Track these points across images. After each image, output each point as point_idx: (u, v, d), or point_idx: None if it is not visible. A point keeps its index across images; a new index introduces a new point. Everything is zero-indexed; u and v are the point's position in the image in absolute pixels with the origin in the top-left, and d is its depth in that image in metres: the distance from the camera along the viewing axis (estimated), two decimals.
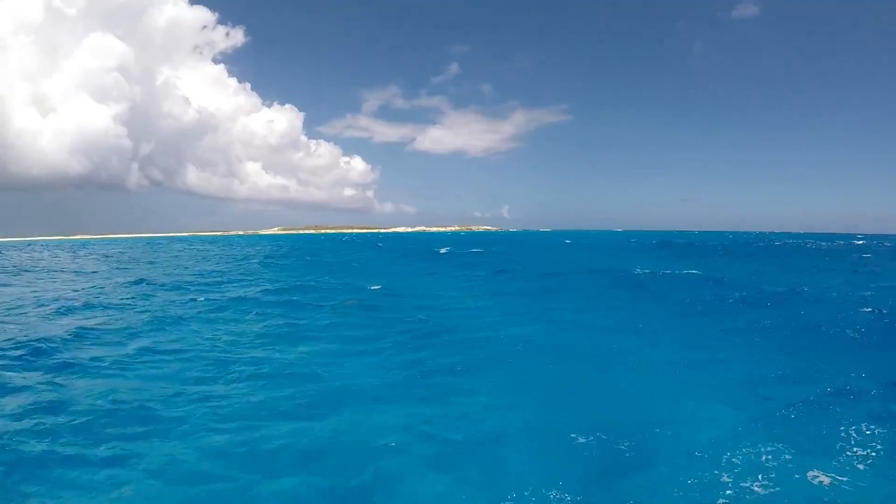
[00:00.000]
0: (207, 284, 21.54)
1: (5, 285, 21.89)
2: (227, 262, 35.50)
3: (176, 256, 43.07)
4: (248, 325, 12.91)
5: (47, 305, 15.31)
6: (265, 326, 12.72)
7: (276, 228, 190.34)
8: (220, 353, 10.19)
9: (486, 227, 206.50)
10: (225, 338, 11.46)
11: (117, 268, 31.48)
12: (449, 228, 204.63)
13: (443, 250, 47.58)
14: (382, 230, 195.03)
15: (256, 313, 14.39)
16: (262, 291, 18.48)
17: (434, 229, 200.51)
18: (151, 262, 35.97)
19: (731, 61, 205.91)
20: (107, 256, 43.17)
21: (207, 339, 11.34)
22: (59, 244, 77.64)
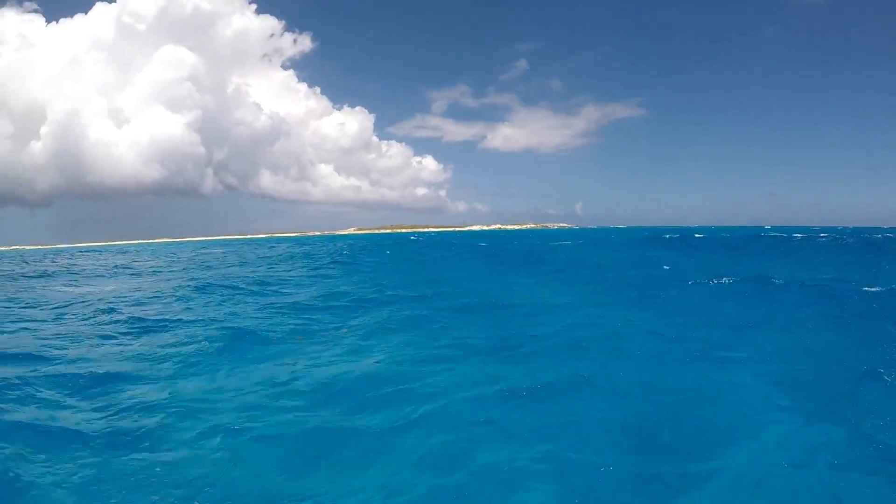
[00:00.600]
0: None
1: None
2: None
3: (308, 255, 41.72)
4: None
5: None
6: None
7: (352, 229, 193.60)
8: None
9: (560, 225, 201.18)
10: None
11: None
12: (525, 226, 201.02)
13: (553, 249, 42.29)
14: (459, 229, 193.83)
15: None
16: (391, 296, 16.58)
17: (511, 227, 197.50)
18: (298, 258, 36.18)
19: (804, 46, 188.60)
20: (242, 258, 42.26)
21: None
22: (152, 247, 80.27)
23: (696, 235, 55.84)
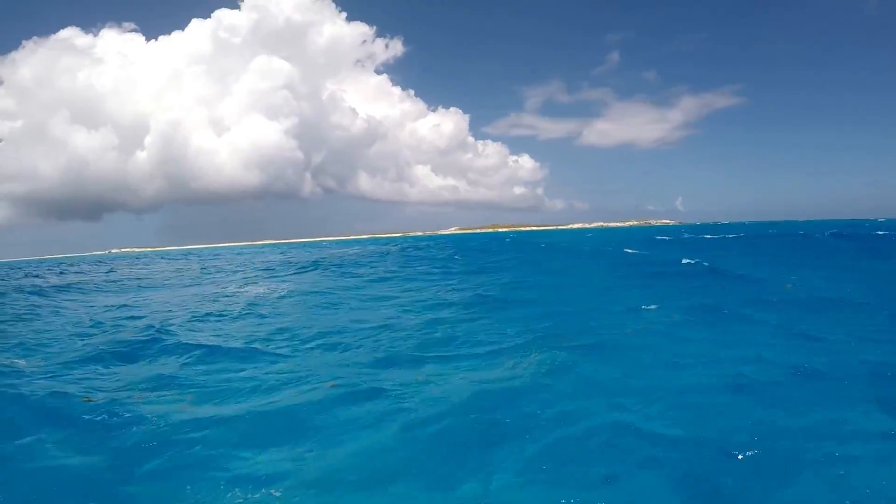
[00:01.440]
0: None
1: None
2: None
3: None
4: None
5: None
6: None
7: (453, 228, 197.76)
8: None
9: (664, 221, 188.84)
10: None
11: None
12: (627, 223, 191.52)
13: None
14: (560, 227, 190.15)
15: None
16: None
17: (612, 225, 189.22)
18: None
19: None
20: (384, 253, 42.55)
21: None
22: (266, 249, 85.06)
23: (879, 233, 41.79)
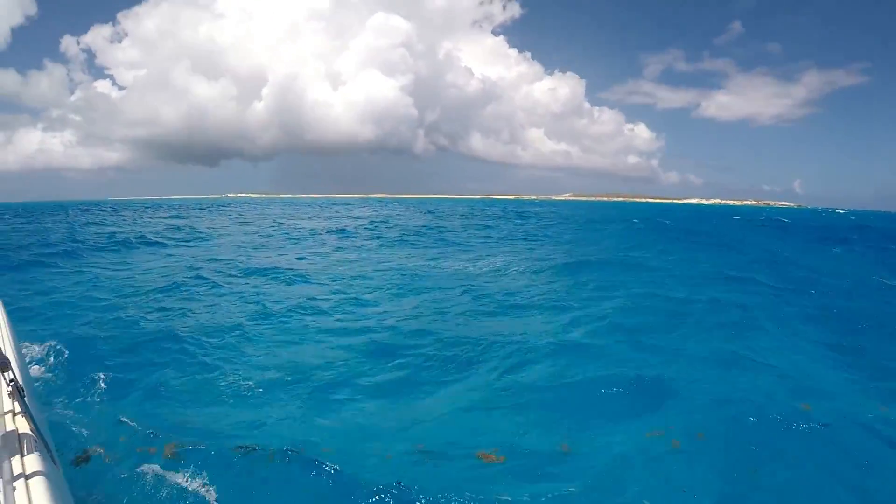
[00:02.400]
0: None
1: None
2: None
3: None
4: None
5: None
6: None
7: (567, 194, 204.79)
8: None
9: (782, 203, 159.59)
10: None
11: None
12: (744, 202, 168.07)
13: None
14: (675, 201, 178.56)
15: None
16: None
17: (730, 202, 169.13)
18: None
19: None
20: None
21: None
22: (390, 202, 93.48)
23: None
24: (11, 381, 2.08)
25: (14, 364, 2.24)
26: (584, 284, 12.69)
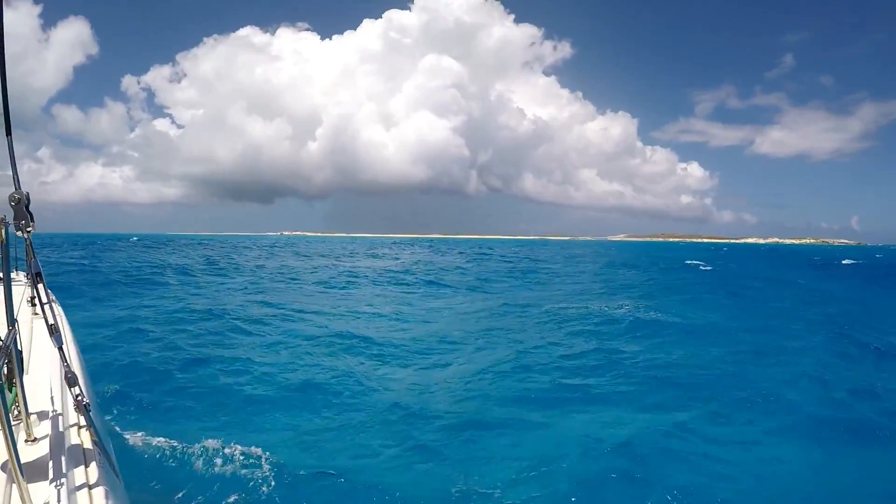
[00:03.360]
0: None
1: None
2: None
3: None
4: None
5: None
6: None
7: (621, 235, 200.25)
8: None
9: (842, 241, 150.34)
10: None
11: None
12: (803, 241, 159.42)
13: None
14: (732, 241, 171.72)
15: None
16: None
17: (787, 241, 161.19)
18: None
19: None
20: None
21: None
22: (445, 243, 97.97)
23: None
24: (78, 395, 2.15)
25: (81, 380, 2.33)
26: None
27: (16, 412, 2.12)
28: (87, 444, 2.12)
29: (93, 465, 2.01)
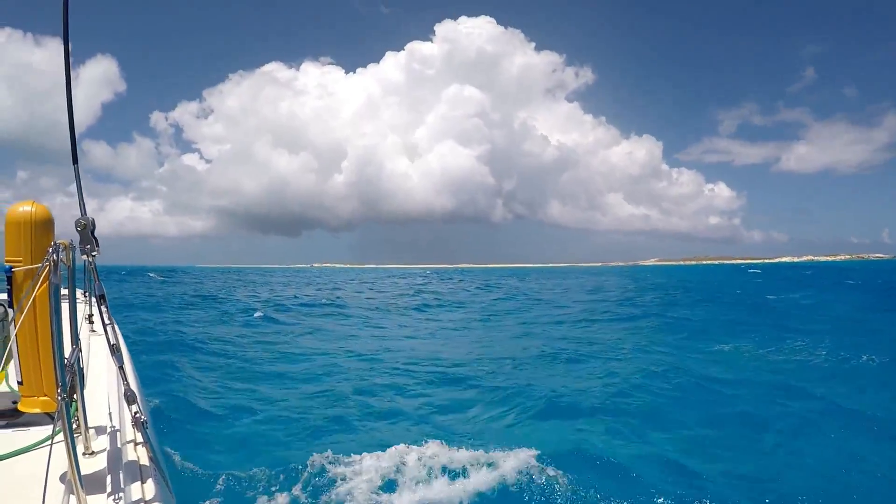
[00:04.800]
0: None
1: None
2: None
3: None
4: None
5: None
6: None
7: (653, 259, 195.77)
8: None
9: (878, 255, 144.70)
10: None
11: None
12: (837, 257, 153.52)
13: None
14: (766, 260, 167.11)
15: None
16: None
17: (822, 258, 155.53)
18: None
19: None
20: None
21: None
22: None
23: None
24: (136, 413, 2.20)
25: (138, 398, 2.40)
26: None
27: (75, 425, 2.18)
28: (144, 461, 2.16)
29: (149, 481, 2.04)
